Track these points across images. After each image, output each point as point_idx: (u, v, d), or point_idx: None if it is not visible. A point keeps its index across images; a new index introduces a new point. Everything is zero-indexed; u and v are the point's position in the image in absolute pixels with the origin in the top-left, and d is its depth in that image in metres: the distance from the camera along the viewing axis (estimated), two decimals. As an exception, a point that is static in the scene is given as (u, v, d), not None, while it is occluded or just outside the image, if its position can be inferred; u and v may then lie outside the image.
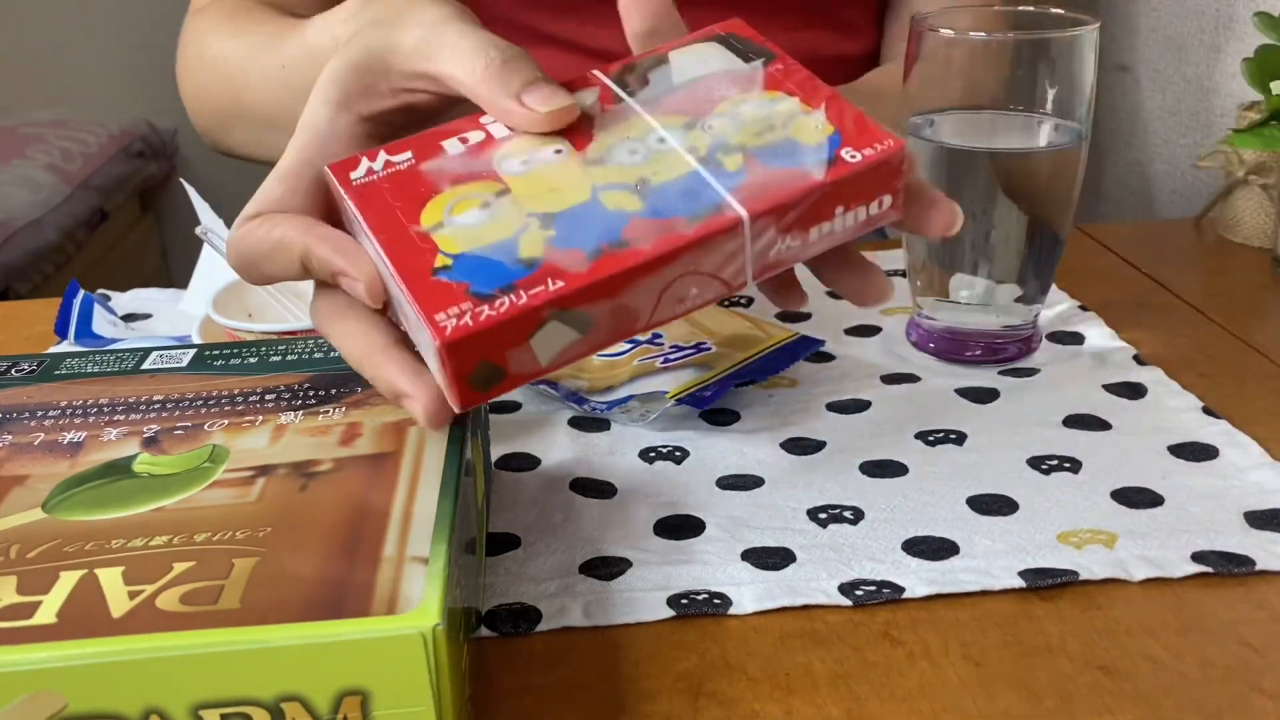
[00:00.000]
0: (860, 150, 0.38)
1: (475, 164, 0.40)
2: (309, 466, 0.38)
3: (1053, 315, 0.65)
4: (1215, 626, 0.41)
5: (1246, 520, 0.46)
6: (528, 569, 0.44)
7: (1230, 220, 0.77)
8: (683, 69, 0.42)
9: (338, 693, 0.31)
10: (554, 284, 0.35)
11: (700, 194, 0.38)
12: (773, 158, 0.38)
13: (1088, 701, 0.37)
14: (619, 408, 0.55)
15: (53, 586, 0.32)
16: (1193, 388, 0.57)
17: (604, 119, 0.41)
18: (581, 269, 0.36)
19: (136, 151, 2.26)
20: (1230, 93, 0.94)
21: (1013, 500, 0.48)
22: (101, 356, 0.47)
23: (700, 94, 0.41)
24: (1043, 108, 0.56)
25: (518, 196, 0.38)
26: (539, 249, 0.36)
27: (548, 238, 0.37)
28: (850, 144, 0.38)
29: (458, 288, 0.35)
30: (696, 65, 0.42)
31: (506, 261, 0.36)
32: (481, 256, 0.36)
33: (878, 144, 0.38)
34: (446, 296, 0.35)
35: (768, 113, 0.40)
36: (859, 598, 0.42)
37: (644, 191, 0.38)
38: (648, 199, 0.38)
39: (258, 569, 0.33)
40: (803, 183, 0.38)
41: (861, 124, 0.39)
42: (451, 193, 0.39)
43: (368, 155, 0.40)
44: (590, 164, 0.39)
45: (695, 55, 0.43)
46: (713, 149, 0.39)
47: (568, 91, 0.40)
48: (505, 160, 0.40)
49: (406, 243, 0.37)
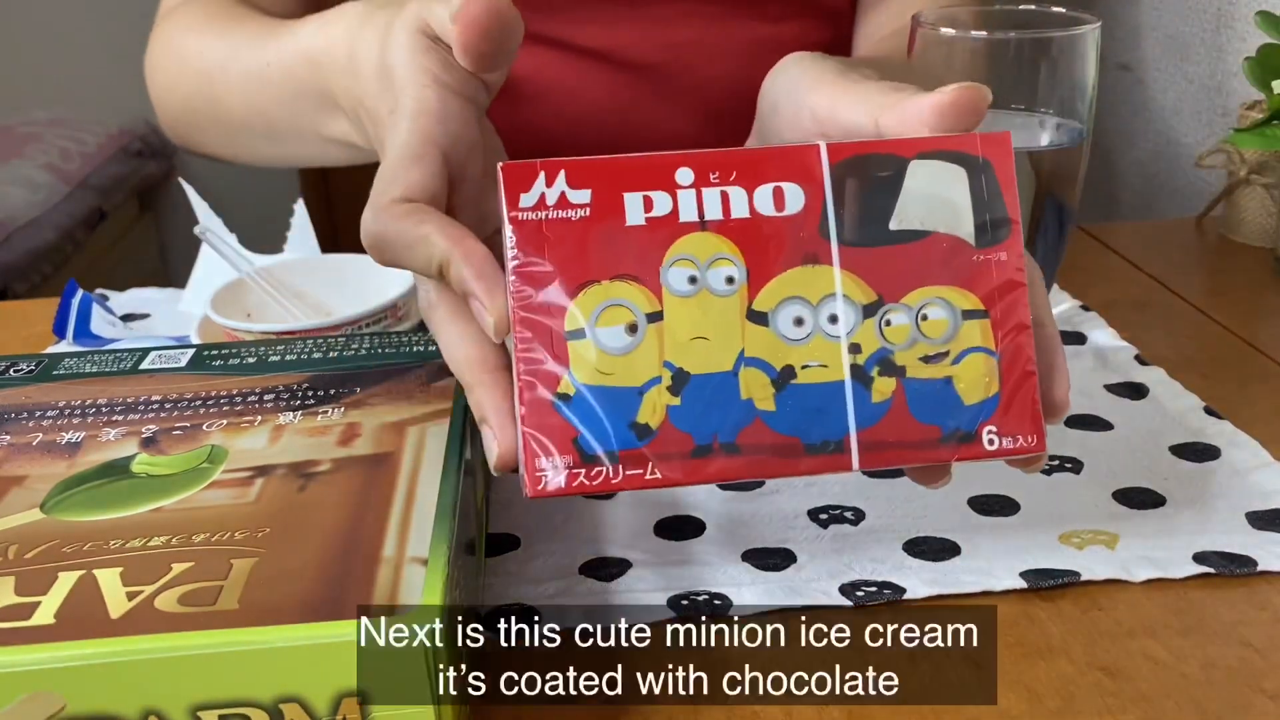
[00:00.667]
0: (1003, 437, 0.36)
1: (646, 257, 0.36)
2: (308, 467, 0.38)
3: (1054, 315, 0.65)
4: (1217, 627, 0.40)
5: (1248, 521, 0.46)
6: (528, 569, 0.44)
7: (1232, 220, 0.77)
8: (911, 203, 0.37)
9: (336, 694, 0.30)
10: (651, 474, 0.35)
11: (831, 420, 0.36)
12: (920, 401, 0.36)
13: (1089, 702, 0.37)
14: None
15: (51, 587, 0.32)
16: (1195, 388, 0.56)
17: (794, 244, 0.36)
18: (682, 466, 0.35)
19: (135, 151, 2.26)
20: (1232, 92, 0.94)
21: (1014, 501, 0.47)
22: (100, 356, 0.47)
23: (905, 263, 0.37)
24: (1044, 107, 0.56)
25: (667, 329, 0.36)
26: (658, 418, 0.35)
27: (670, 406, 0.35)
28: (999, 422, 0.36)
29: (567, 431, 0.35)
30: (926, 202, 0.37)
31: (623, 419, 0.35)
32: (604, 399, 0.35)
33: (1024, 436, 0.36)
34: (553, 435, 0.35)
35: (950, 330, 0.36)
36: (860, 598, 0.42)
37: (782, 387, 0.36)
38: (782, 400, 0.36)
39: (256, 569, 0.33)
40: (927, 454, 0.36)
41: (1025, 398, 0.36)
42: (607, 290, 0.36)
43: (545, 169, 0.36)
44: (751, 319, 0.36)
45: (935, 178, 0.37)
46: (872, 361, 0.36)
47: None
48: (674, 268, 0.36)
49: (544, 337, 0.35)
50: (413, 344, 0.47)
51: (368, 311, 0.54)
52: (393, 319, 0.55)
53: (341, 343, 0.47)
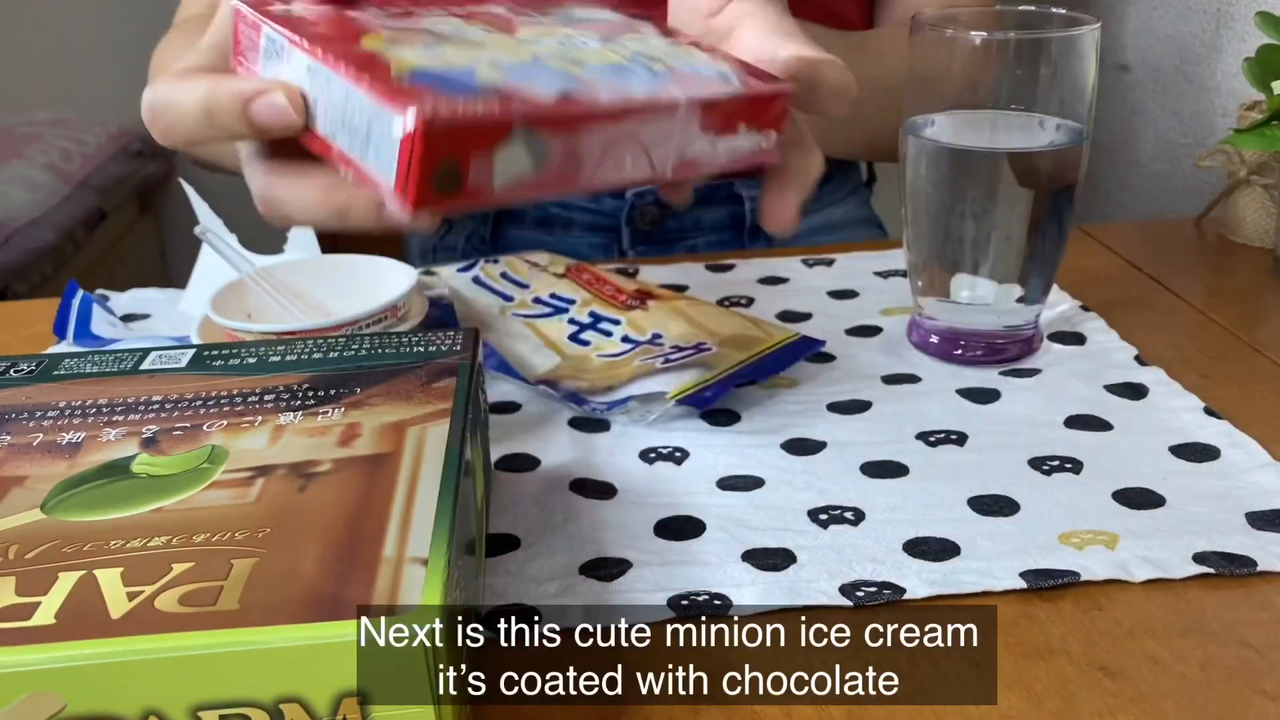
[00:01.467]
0: (762, 81, 0.41)
1: (404, 22, 0.40)
2: (308, 467, 0.38)
3: (1054, 315, 0.65)
4: (1217, 627, 0.41)
5: (1248, 521, 0.46)
6: (528, 569, 0.44)
7: (1232, 220, 0.77)
8: (582, 11, 0.45)
9: (337, 694, 0.30)
10: (524, 102, 0.35)
11: (637, 77, 0.39)
12: (689, 70, 0.41)
13: (1089, 703, 0.37)
14: (619, 408, 0.54)
15: (51, 587, 0.32)
16: (1194, 388, 0.57)
17: (522, 22, 0.42)
18: (547, 98, 0.36)
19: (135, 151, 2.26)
20: (1231, 92, 0.94)
21: (1014, 501, 0.48)
22: (100, 357, 0.47)
23: (607, 28, 0.43)
24: (1044, 107, 0.56)
25: (457, 46, 0.38)
26: (499, 78, 0.36)
27: (504, 74, 0.37)
28: (751, 75, 0.41)
29: (425, 89, 0.34)
30: (593, 12, 0.45)
31: (469, 80, 0.36)
32: (442, 74, 0.36)
33: (775, 82, 0.41)
34: (413, 95, 0.34)
35: (672, 48, 0.43)
36: (860, 599, 0.42)
37: (583, 67, 0.39)
38: (588, 72, 0.39)
39: (257, 570, 0.33)
40: (723, 88, 0.40)
41: (754, 69, 0.42)
42: (387, 34, 0.38)
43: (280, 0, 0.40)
44: (523, 41, 0.40)
45: (590, 9, 0.46)
46: (634, 56, 0.41)
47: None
48: (435, 25, 0.40)
49: (354, 57, 0.36)
50: (413, 344, 0.47)
51: (368, 312, 0.54)
52: (393, 319, 0.55)
53: (342, 343, 0.47)
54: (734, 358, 0.56)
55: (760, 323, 0.60)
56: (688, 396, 0.53)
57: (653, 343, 0.58)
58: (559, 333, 0.60)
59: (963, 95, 0.56)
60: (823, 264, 0.75)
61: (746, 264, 0.75)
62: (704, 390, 0.53)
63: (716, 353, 0.57)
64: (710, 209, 0.87)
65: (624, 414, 0.55)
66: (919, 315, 0.62)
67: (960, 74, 0.56)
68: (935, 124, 0.57)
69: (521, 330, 0.61)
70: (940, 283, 0.59)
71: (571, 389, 0.56)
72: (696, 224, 0.87)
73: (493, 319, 0.62)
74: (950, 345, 0.60)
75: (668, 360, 0.56)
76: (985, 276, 0.58)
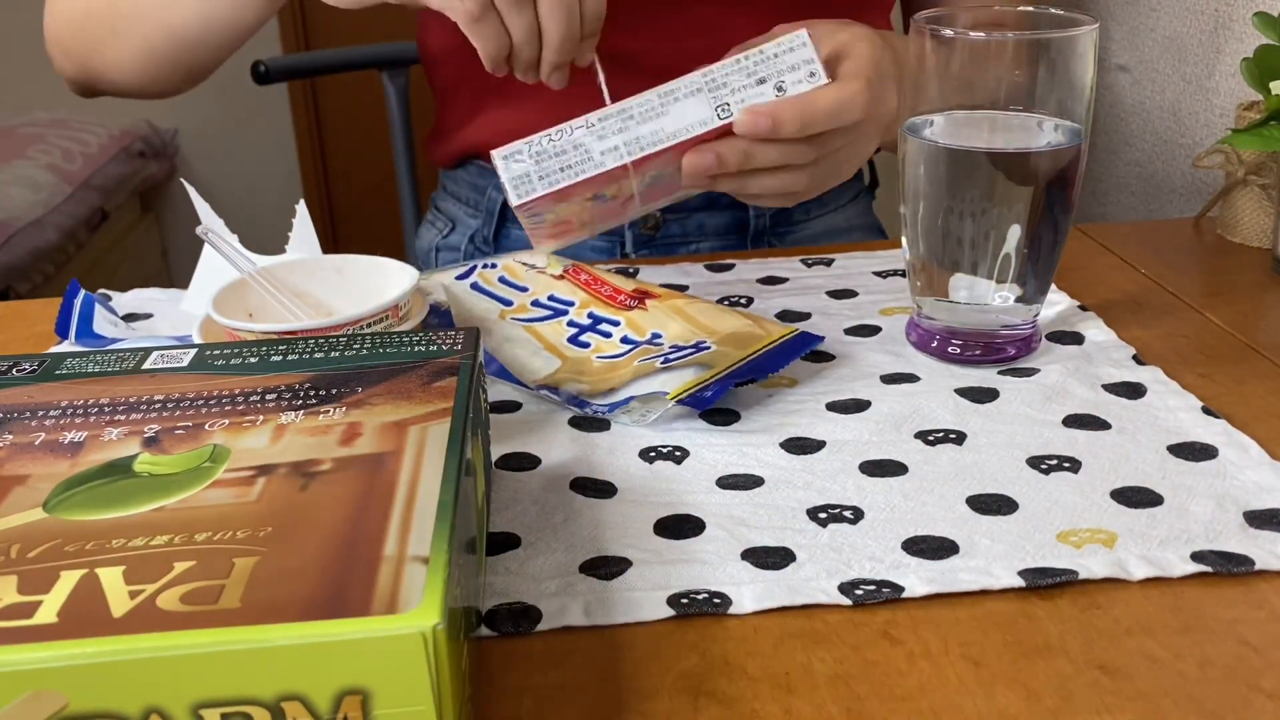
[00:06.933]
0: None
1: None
2: (309, 466, 0.38)
3: (1052, 315, 0.65)
4: (1215, 626, 0.41)
5: (1246, 520, 0.46)
6: (528, 569, 0.44)
7: (1229, 220, 0.77)
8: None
9: (338, 692, 0.31)
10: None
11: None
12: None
13: (1087, 701, 0.37)
14: (620, 409, 0.55)
15: (53, 586, 0.32)
16: (1192, 387, 0.57)
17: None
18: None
19: (137, 151, 2.27)
20: (1229, 92, 0.94)
21: (1012, 500, 0.48)
22: (102, 356, 0.47)
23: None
24: (1042, 108, 0.56)
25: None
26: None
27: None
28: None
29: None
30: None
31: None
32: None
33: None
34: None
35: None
36: (859, 597, 0.42)
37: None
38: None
39: (258, 568, 0.33)
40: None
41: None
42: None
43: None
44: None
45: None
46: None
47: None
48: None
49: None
50: (414, 344, 0.47)
51: (369, 311, 0.54)
52: (394, 319, 0.55)
53: (343, 342, 0.47)
54: (733, 355, 0.56)
55: (759, 320, 0.61)
56: (687, 396, 0.53)
57: (652, 343, 0.58)
58: (559, 335, 0.60)
59: (962, 95, 0.57)
60: (822, 264, 0.75)
61: (746, 264, 0.75)
62: (704, 390, 0.54)
63: (715, 351, 0.57)
64: (714, 214, 0.87)
65: (624, 414, 0.55)
66: (918, 315, 0.62)
67: (960, 74, 0.56)
68: (934, 124, 0.57)
69: (521, 334, 0.61)
70: (939, 282, 0.59)
71: (572, 392, 0.56)
72: (700, 229, 0.87)
73: (491, 324, 0.62)
74: (949, 345, 0.60)
75: (667, 360, 0.56)
76: (984, 276, 0.58)
